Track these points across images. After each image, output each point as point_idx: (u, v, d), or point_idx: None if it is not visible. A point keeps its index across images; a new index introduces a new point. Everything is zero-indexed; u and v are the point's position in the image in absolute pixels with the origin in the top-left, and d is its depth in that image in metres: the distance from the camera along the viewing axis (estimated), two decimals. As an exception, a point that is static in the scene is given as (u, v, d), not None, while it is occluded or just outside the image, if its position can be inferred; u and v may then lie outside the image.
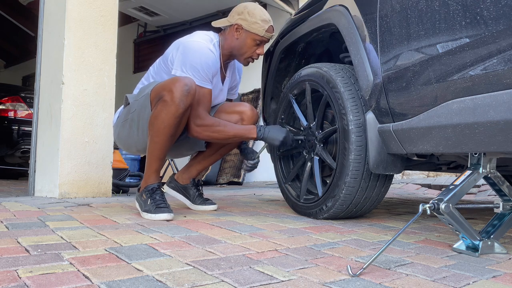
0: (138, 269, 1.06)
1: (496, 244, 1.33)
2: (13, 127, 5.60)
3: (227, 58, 2.14)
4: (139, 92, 2.05)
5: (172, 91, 1.81)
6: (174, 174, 2.31)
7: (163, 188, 2.04)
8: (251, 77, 4.86)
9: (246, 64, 2.15)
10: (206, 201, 2.21)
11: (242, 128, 2.04)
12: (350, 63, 1.94)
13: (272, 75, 2.51)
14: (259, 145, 4.93)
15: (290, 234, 1.58)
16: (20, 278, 0.97)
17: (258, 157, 2.20)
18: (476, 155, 1.37)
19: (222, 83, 2.18)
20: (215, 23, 2.14)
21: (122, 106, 2.14)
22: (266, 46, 2.39)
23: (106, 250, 1.24)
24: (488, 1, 1.20)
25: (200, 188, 2.28)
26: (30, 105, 5.59)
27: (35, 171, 2.83)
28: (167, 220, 1.79)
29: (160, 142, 1.87)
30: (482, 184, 4.02)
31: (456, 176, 2.07)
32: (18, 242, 1.31)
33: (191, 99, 1.86)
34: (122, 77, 3.60)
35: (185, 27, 6.61)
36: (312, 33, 2.14)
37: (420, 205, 1.27)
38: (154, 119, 1.86)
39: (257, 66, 2.80)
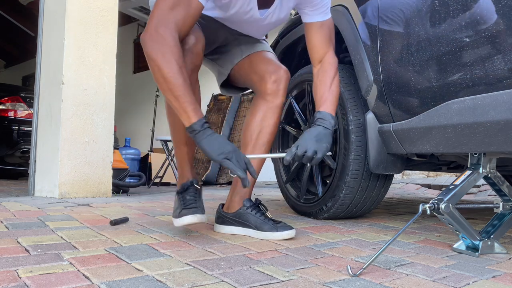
0: (138, 269, 1.06)
1: (496, 244, 1.33)
2: (13, 127, 5.60)
3: None
4: None
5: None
6: (221, 205, 1.66)
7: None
8: (251, 77, 4.84)
9: None
10: (278, 224, 1.51)
11: (190, 109, 1.27)
12: (350, 63, 1.94)
13: (272, 75, 2.50)
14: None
15: (290, 234, 1.58)
16: (20, 278, 0.97)
17: None
18: (476, 155, 1.37)
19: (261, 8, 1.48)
20: None
21: None
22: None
23: (106, 250, 1.24)
24: (488, 1, 1.20)
25: (262, 207, 1.57)
26: (30, 105, 5.59)
27: (35, 171, 2.83)
28: (193, 224, 1.43)
29: (170, 116, 1.49)
30: (482, 184, 4.02)
31: (456, 176, 2.07)
32: (18, 242, 1.31)
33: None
34: (122, 77, 3.60)
35: (185, 27, 6.59)
36: (312, 33, 2.13)
37: (420, 205, 1.27)
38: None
39: (257, 66, 2.79)
